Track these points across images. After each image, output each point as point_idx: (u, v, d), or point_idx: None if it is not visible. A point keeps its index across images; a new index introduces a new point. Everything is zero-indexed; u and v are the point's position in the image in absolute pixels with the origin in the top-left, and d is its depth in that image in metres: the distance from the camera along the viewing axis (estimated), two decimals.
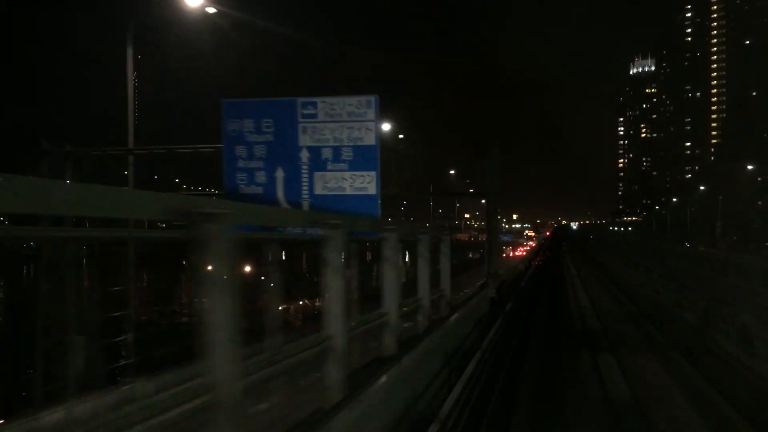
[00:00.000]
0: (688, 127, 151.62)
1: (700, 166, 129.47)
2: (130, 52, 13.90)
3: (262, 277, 5.36)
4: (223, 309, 3.30)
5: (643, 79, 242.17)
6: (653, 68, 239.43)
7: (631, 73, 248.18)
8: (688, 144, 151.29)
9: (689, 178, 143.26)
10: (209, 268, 3.27)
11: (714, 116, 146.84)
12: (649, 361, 15.46)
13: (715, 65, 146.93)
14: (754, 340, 15.00)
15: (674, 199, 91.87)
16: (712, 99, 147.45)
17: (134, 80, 16.84)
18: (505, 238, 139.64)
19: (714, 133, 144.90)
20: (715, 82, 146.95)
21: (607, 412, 10.83)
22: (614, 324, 22.09)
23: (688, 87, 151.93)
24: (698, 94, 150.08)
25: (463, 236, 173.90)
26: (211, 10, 13.91)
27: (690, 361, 14.75)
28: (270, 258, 4.95)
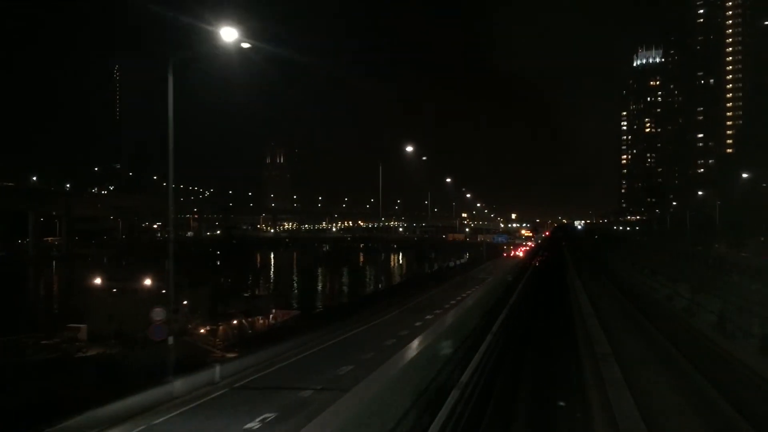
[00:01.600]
0: (701, 117, 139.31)
1: (715, 159, 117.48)
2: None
3: None
4: None
5: (648, 71, 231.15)
6: (658, 60, 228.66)
7: (634, 65, 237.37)
8: (701, 135, 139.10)
9: (702, 172, 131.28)
10: None
11: (729, 104, 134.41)
12: None
13: (731, 48, 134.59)
14: None
15: (699, 192, 79.67)
16: (727, 86, 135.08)
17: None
18: (500, 239, 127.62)
19: (729, 123, 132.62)
20: (731, 67, 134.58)
21: None
22: None
23: (700, 73, 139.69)
24: (711, 80, 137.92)
25: (459, 236, 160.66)
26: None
27: None
28: None
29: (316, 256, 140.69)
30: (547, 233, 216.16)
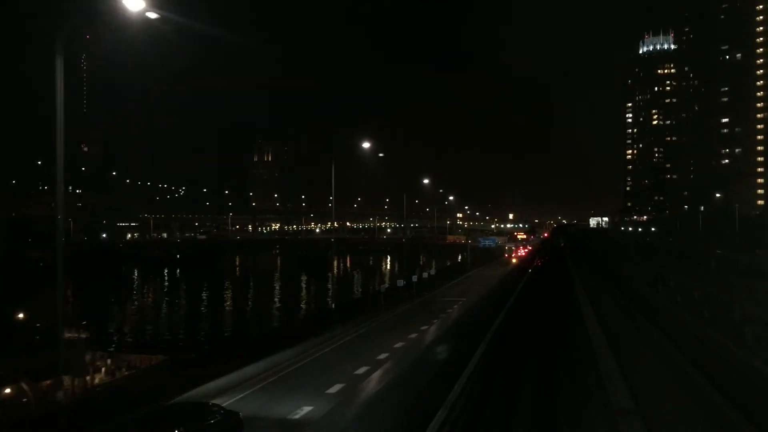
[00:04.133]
0: (725, 99, 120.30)
1: (744, 148, 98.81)
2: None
3: None
4: None
5: (655, 57, 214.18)
6: (666, 46, 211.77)
7: (640, 52, 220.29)
8: (725, 120, 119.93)
9: (728, 163, 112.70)
10: None
11: (760, 82, 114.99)
12: None
13: (761, 17, 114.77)
14: None
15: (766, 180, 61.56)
16: (758, 61, 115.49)
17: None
18: (487, 243, 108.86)
19: (760, 105, 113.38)
20: (761, 39, 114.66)
21: None
22: None
23: (724, 47, 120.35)
24: (738, 55, 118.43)
25: (459, 238, 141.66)
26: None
27: None
28: None
29: (283, 262, 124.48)
30: (545, 234, 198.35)
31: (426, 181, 50.62)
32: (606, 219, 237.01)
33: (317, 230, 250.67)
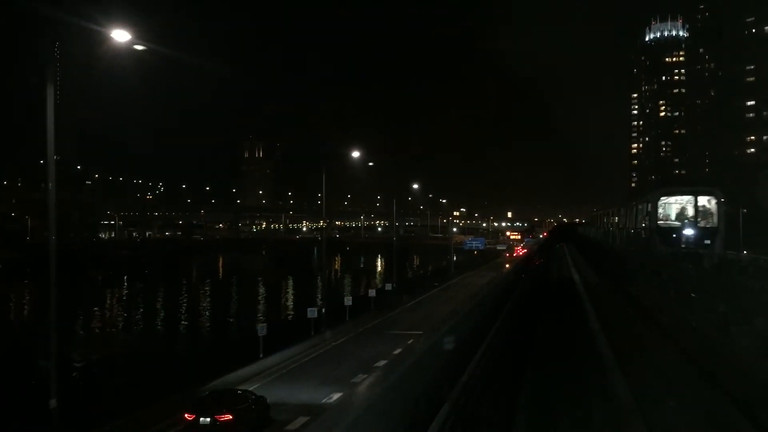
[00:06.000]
0: (751, 79, 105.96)
1: None
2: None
3: None
4: None
5: (663, 45, 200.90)
6: (674, 33, 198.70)
7: (646, 39, 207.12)
8: (751, 103, 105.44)
9: (752, 153, 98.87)
10: None
11: None
12: None
13: None
14: None
15: None
16: None
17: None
18: (474, 244, 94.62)
19: None
20: None
21: None
22: None
23: (750, 19, 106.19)
24: (767, 28, 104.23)
25: (463, 239, 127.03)
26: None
27: None
28: None
29: (251, 266, 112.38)
30: (545, 234, 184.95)
31: (369, 163, 37.91)
32: (709, 200, 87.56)
33: (304, 229, 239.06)
